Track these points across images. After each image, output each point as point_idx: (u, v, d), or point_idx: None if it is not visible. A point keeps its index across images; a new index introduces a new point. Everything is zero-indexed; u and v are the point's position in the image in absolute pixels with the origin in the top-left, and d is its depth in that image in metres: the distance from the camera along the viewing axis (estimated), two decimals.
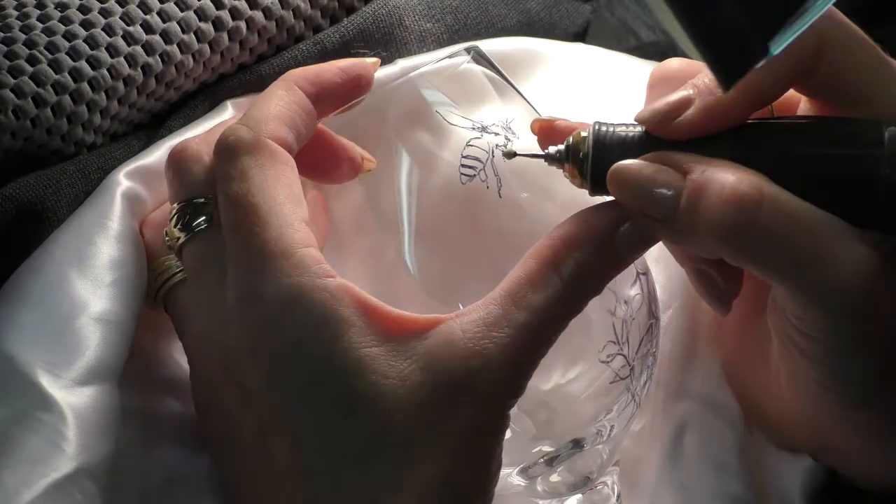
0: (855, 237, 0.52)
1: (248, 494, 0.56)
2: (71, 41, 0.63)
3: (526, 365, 0.53)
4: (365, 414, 0.53)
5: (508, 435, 0.57)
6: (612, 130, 0.55)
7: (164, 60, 0.65)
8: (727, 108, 0.54)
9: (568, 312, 0.54)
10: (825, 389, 0.55)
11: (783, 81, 0.55)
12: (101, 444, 0.56)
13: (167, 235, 0.60)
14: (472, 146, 0.59)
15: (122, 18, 0.64)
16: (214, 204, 0.58)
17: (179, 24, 0.65)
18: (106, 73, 0.63)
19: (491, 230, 0.59)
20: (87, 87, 0.63)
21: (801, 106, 0.58)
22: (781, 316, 0.55)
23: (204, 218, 0.58)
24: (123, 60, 0.64)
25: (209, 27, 0.66)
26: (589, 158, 0.55)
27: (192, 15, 0.66)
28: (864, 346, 0.53)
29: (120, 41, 0.64)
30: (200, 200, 0.59)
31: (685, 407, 0.65)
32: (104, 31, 0.64)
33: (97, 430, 0.56)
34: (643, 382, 0.59)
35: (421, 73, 0.60)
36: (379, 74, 0.64)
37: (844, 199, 0.53)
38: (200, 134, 0.62)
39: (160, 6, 0.65)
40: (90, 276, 0.59)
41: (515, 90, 0.61)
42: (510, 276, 0.54)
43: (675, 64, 0.59)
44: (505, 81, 0.61)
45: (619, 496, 0.59)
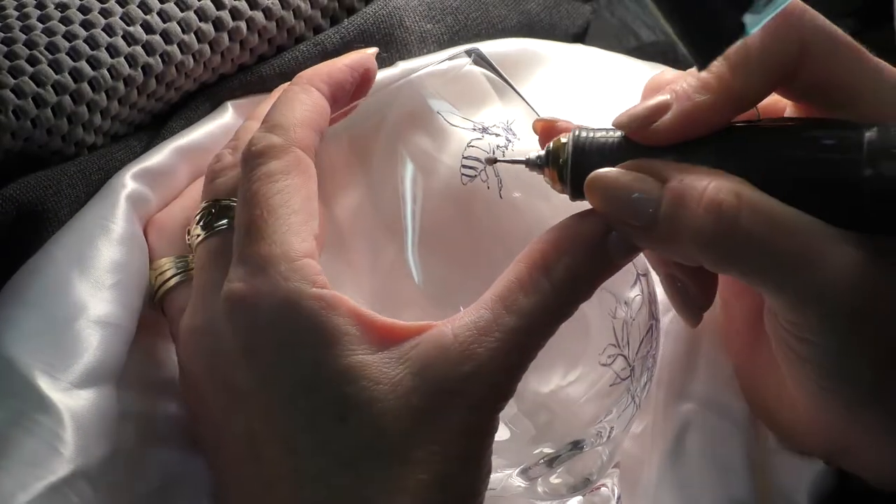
0: (839, 239, 0.52)
1: (238, 498, 0.56)
2: (71, 41, 0.63)
3: (516, 369, 0.53)
4: (357, 419, 0.52)
5: (508, 436, 0.57)
6: (592, 136, 0.54)
7: (164, 61, 0.65)
8: (706, 113, 0.53)
9: (558, 317, 0.54)
10: (828, 391, 0.55)
11: (763, 86, 0.54)
12: (98, 446, 0.57)
13: (189, 234, 0.60)
14: (473, 147, 0.59)
15: (122, 19, 0.64)
16: None
17: (180, 24, 0.65)
18: (106, 73, 0.63)
19: (491, 231, 0.59)
20: (87, 87, 0.63)
21: (787, 110, 0.57)
22: (775, 320, 0.55)
23: (226, 221, 0.58)
24: (124, 61, 0.64)
25: (209, 27, 0.66)
26: (568, 165, 0.54)
27: (192, 15, 0.66)
28: (861, 346, 0.53)
29: (120, 41, 0.64)
30: (226, 202, 0.59)
31: (687, 408, 0.65)
32: (104, 31, 0.64)
33: (95, 432, 0.57)
34: (643, 384, 0.59)
35: (421, 74, 0.60)
36: (380, 76, 0.64)
37: (826, 201, 0.52)
38: (231, 142, 0.62)
39: (160, 6, 0.65)
40: (91, 278, 0.59)
41: (516, 92, 0.61)
42: (501, 279, 0.54)
43: (668, 75, 0.58)
44: (505, 83, 0.61)
45: (619, 498, 0.59)
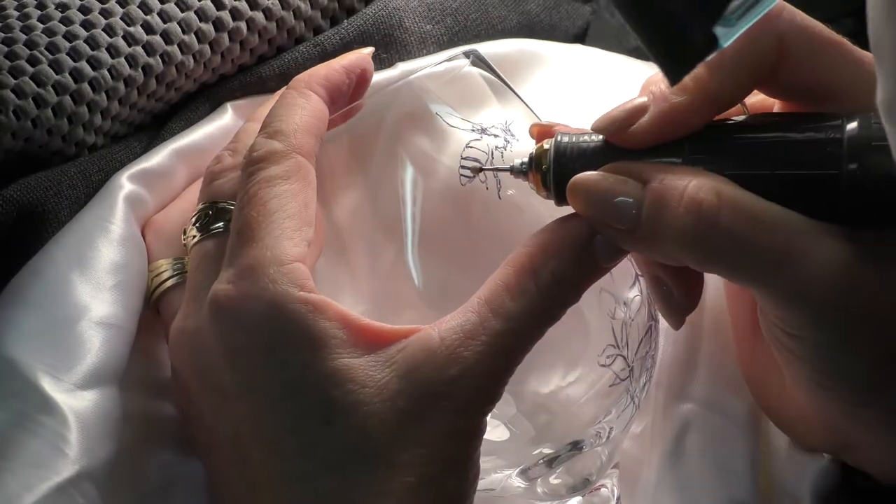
0: (821, 233, 0.51)
1: (228, 499, 0.56)
2: (72, 42, 0.63)
3: (502, 372, 0.53)
4: (343, 422, 0.52)
5: (507, 436, 0.58)
6: (573, 141, 0.54)
7: (164, 61, 0.65)
8: (683, 113, 0.53)
9: (545, 320, 0.54)
10: (825, 390, 0.55)
11: (741, 86, 0.54)
12: (102, 447, 0.57)
13: (185, 234, 0.60)
14: (471, 148, 0.59)
15: (122, 19, 0.64)
16: None
17: (180, 24, 0.65)
18: (107, 73, 0.63)
19: (490, 232, 0.59)
20: (87, 87, 0.63)
21: (775, 107, 0.57)
22: (767, 318, 0.55)
23: (222, 223, 0.58)
24: (124, 61, 0.64)
25: (210, 28, 0.66)
26: (551, 170, 0.54)
27: (192, 16, 0.66)
28: (853, 343, 0.52)
29: (121, 42, 0.64)
30: (223, 205, 0.59)
31: (687, 409, 0.64)
32: (105, 31, 0.64)
33: (99, 433, 0.57)
34: (642, 384, 0.59)
35: (420, 76, 0.60)
36: (379, 78, 0.64)
37: (808, 195, 0.52)
38: (231, 144, 0.62)
39: (161, 7, 0.65)
40: (92, 279, 0.59)
41: (514, 93, 0.61)
42: (488, 283, 0.54)
43: (661, 75, 0.58)
44: (503, 84, 0.61)
45: (618, 498, 0.59)
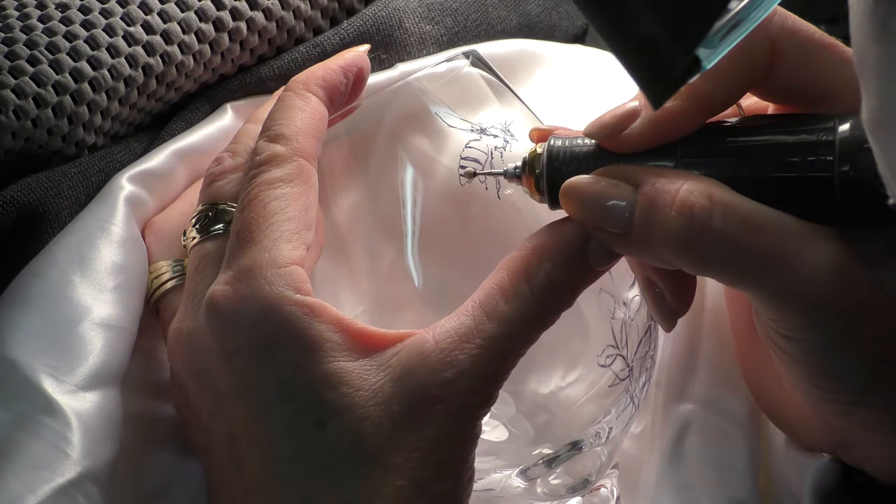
0: (814, 234, 0.51)
1: (223, 501, 0.56)
2: (72, 41, 0.63)
3: (497, 375, 0.53)
4: (336, 424, 0.52)
5: (507, 437, 0.58)
6: (566, 144, 0.54)
7: (164, 61, 0.65)
8: (675, 117, 0.53)
9: (539, 324, 0.53)
10: (821, 390, 0.55)
11: (733, 90, 0.54)
12: (104, 448, 0.57)
13: (185, 235, 0.60)
14: (470, 148, 0.59)
15: (122, 19, 0.64)
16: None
17: (180, 24, 0.65)
18: (107, 73, 0.63)
19: (490, 232, 0.59)
20: (87, 87, 0.63)
21: (770, 109, 0.57)
22: (762, 320, 0.55)
23: (222, 225, 0.58)
24: (124, 61, 0.64)
25: (210, 28, 0.66)
26: (543, 174, 0.54)
27: (192, 16, 0.66)
28: (847, 343, 0.52)
29: (121, 42, 0.64)
30: (223, 206, 0.59)
31: (687, 409, 0.64)
32: (105, 31, 0.64)
33: (101, 434, 0.56)
34: (642, 384, 0.59)
35: (420, 76, 0.60)
36: (378, 78, 0.64)
37: (801, 197, 0.52)
38: (231, 145, 0.62)
39: (161, 7, 0.65)
40: (92, 280, 0.59)
41: (513, 94, 0.61)
42: (483, 286, 0.54)
43: None
44: (503, 85, 0.61)
45: (618, 498, 0.59)
